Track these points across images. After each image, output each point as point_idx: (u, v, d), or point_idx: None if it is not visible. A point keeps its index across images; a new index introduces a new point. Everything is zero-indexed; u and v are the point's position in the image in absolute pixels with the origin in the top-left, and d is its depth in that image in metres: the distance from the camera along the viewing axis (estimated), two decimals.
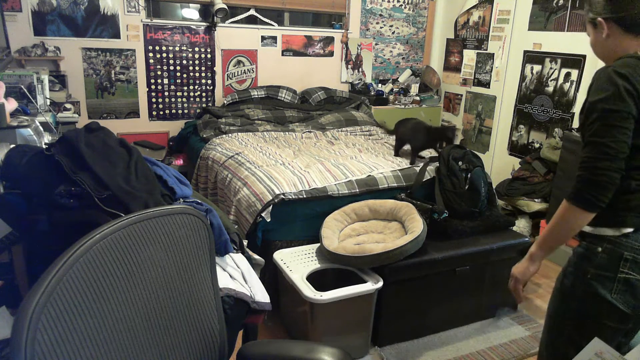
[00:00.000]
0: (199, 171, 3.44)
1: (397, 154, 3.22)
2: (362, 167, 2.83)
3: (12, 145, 1.68)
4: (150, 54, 3.99)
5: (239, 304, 1.53)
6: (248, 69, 4.40)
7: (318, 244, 2.44)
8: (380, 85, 4.97)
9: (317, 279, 2.23)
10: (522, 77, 4.12)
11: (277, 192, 2.47)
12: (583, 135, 1.30)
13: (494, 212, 2.83)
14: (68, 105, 3.22)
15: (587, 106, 1.25)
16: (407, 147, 3.22)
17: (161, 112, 4.17)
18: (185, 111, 4.25)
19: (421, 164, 2.93)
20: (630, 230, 1.28)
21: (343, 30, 4.70)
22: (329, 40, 4.67)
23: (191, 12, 4.23)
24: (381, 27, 4.91)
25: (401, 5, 4.94)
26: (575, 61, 3.63)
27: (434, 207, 2.57)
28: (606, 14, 1.30)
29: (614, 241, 1.29)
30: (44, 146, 1.75)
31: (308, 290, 2.10)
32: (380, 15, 4.86)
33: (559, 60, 3.78)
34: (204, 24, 4.12)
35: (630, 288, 1.28)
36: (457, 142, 4.95)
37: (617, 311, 1.29)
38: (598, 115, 1.20)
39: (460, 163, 2.82)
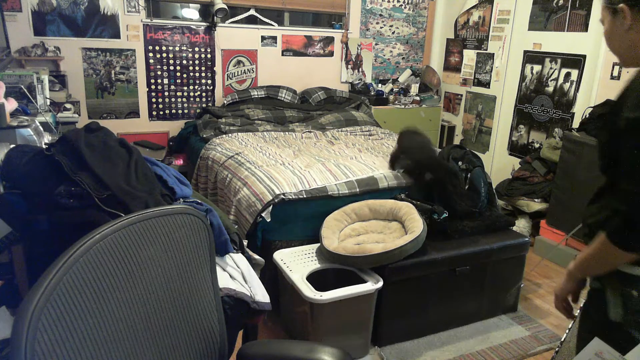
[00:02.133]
0: (199, 171, 3.44)
1: (392, 168, 2.87)
2: (362, 167, 2.83)
3: (12, 145, 1.68)
4: (150, 54, 3.99)
5: (239, 304, 1.53)
6: (248, 69, 4.40)
7: (318, 244, 2.44)
8: (380, 85, 4.97)
9: (317, 279, 2.23)
10: (522, 77, 4.12)
11: (277, 192, 2.47)
12: (609, 157, 1.12)
13: (494, 212, 2.83)
14: (68, 105, 3.23)
15: (624, 123, 1.01)
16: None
17: (161, 112, 4.17)
18: (185, 111, 4.25)
19: None
20: None
21: (343, 30, 4.70)
22: (329, 40, 4.67)
23: (191, 12, 4.23)
24: (381, 27, 4.91)
25: (401, 5, 4.94)
26: (575, 61, 3.63)
27: (434, 208, 2.57)
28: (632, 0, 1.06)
29: None
30: (44, 146, 1.75)
31: (308, 290, 2.10)
32: (380, 15, 4.86)
33: (559, 60, 3.78)
34: (204, 24, 4.12)
35: None
36: (456, 141, 4.95)
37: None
38: None
39: (460, 163, 2.82)
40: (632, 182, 1.02)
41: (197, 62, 4.17)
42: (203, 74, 4.22)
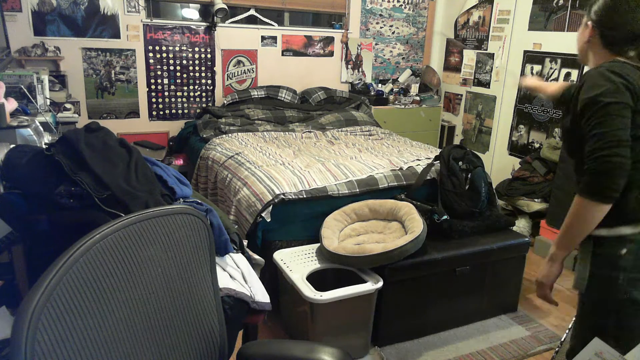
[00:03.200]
0: (199, 171, 3.44)
1: None
2: (362, 167, 2.83)
3: (12, 145, 1.68)
4: (150, 54, 3.99)
5: (239, 304, 1.53)
6: (248, 69, 4.40)
7: (318, 244, 2.44)
8: (380, 85, 4.97)
9: (317, 279, 2.23)
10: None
11: (277, 192, 2.47)
12: (571, 134, 1.34)
13: (494, 212, 2.83)
14: (68, 105, 3.22)
15: (582, 103, 1.26)
16: None
17: (161, 112, 4.17)
18: (185, 111, 4.25)
19: (424, 165, 2.93)
20: None
21: (343, 30, 4.70)
22: (329, 40, 4.67)
23: (191, 12, 4.23)
24: (381, 27, 4.91)
25: (401, 5, 4.94)
26: (575, 61, 3.63)
27: (434, 208, 2.57)
28: (596, 22, 1.37)
29: (637, 239, 1.28)
30: (44, 146, 1.75)
31: (308, 290, 2.10)
32: (380, 15, 4.86)
33: (559, 60, 3.78)
34: (204, 24, 4.12)
35: None
36: (456, 141, 4.95)
37: None
38: (597, 108, 1.22)
39: (460, 163, 2.82)
40: (591, 143, 1.23)
41: (197, 62, 4.17)
42: (203, 74, 4.22)
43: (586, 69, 1.41)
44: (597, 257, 1.34)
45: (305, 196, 2.52)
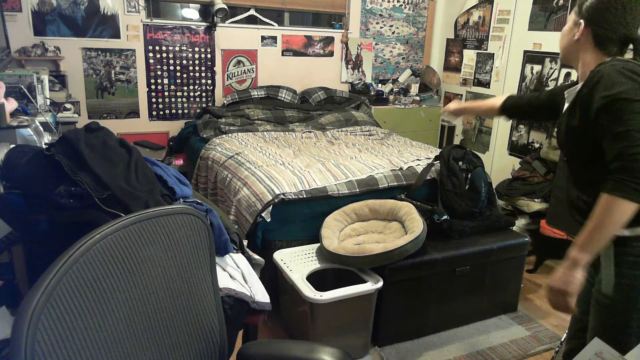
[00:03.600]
0: (199, 171, 3.44)
1: None
2: (362, 167, 2.83)
3: (12, 145, 1.68)
4: (150, 54, 3.99)
5: (239, 304, 1.53)
6: (248, 69, 4.40)
7: (318, 244, 2.44)
8: (380, 85, 4.97)
9: (317, 279, 2.23)
10: (522, 77, 4.12)
11: (277, 192, 2.47)
12: (577, 133, 1.31)
13: (494, 212, 2.83)
14: (68, 105, 3.22)
15: (602, 101, 1.22)
16: None
17: (161, 112, 4.16)
18: (185, 111, 4.25)
19: (424, 165, 2.93)
20: None
21: (343, 30, 4.70)
22: (329, 40, 4.67)
23: (191, 12, 4.23)
24: (381, 27, 4.91)
25: (401, 5, 4.94)
26: None
27: (434, 208, 2.57)
28: (589, 21, 1.34)
29: None
30: (44, 146, 1.75)
31: (308, 290, 2.10)
32: (380, 15, 4.86)
33: (559, 61, 3.77)
34: (204, 24, 4.12)
35: None
36: (456, 141, 4.95)
37: None
38: (621, 105, 1.19)
39: (460, 163, 2.82)
40: (620, 142, 1.19)
41: (197, 62, 4.16)
42: (203, 74, 4.22)
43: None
44: (622, 258, 1.31)
45: (305, 196, 2.52)
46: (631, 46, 1.34)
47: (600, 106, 1.23)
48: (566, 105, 1.44)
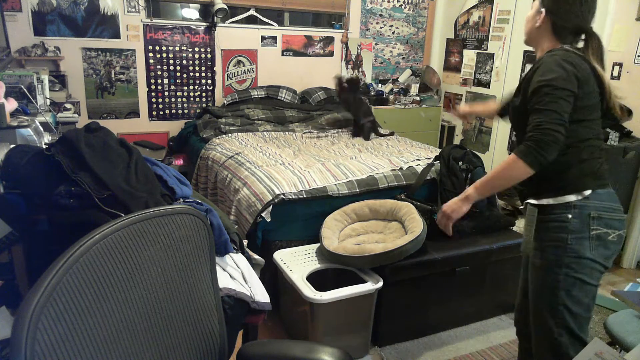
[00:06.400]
0: (199, 171, 3.44)
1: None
2: (362, 167, 2.83)
3: (12, 145, 1.68)
4: (150, 54, 3.99)
5: (239, 304, 1.53)
6: (248, 69, 4.40)
7: (318, 244, 2.44)
8: (380, 85, 4.97)
9: (317, 279, 2.23)
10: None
11: (277, 192, 2.47)
12: (520, 111, 1.50)
13: (494, 212, 2.83)
14: (68, 105, 3.22)
15: (537, 84, 1.41)
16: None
17: (161, 112, 4.17)
18: (185, 111, 4.25)
19: (424, 165, 2.93)
20: (589, 192, 1.46)
21: (343, 30, 4.70)
22: (329, 40, 4.67)
23: (191, 12, 4.23)
24: (381, 27, 4.91)
25: (401, 5, 4.94)
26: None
27: (434, 208, 2.57)
28: (548, 10, 1.51)
29: (580, 205, 1.46)
30: (44, 146, 1.75)
31: (308, 290, 2.10)
32: (380, 15, 4.86)
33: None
34: (204, 24, 4.12)
35: (602, 242, 1.47)
36: (456, 141, 4.95)
37: (597, 267, 1.48)
38: (548, 90, 1.38)
39: (460, 163, 2.82)
40: (536, 116, 1.40)
41: (197, 62, 4.17)
42: (203, 74, 4.22)
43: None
44: (546, 223, 1.50)
45: (305, 196, 2.52)
46: (583, 36, 1.50)
47: (534, 89, 1.43)
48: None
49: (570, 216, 1.46)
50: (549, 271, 1.51)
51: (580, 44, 1.51)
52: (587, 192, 1.46)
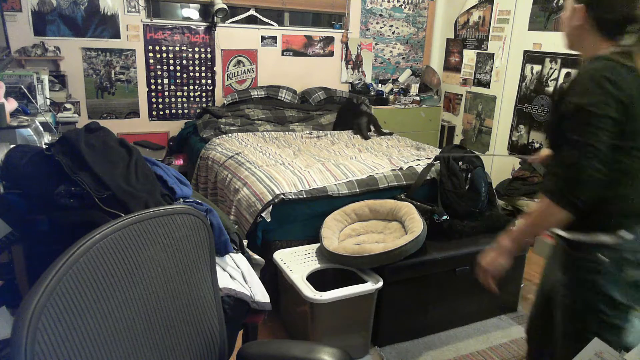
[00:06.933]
0: (199, 171, 3.44)
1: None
2: (362, 167, 2.83)
3: (12, 145, 1.68)
4: (150, 54, 3.99)
5: (239, 304, 1.53)
6: (248, 69, 4.40)
7: (318, 244, 2.44)
8: (380, 85, 4.96)
9: (317, 279, 2.23)
10: (522, 77, 4.12)
11: (277, 192, 2.47)
12: (556, 129, 1.30)
13: (494, 212, 2.83)
14: (68, 105, 3.22)
15: (571, 107, 1.23)
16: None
17: (161, 112, 4.16)
18: (185, 111, 4.25)
19: (424, 165, 2.93)
20: (630, 235, 1.27)
21: (343, 30, 4.70)
22: (329, 40, 4.67)
23: (191, 12, 4.23)
24: (381, 27, 4.91)
25: (401, 5, 4.94)
26: (575, 61, 3.63)
27: (434, 208, 2.57)
28: (587, 3, 1.31)
29: (616, 247, 1.28)
30: (44, 146, 1.75)
31: (308, 290, 2.10)
32: (380, 15, 4.86)
33: (559, 60, 3.78)
34: (204, 24, 4.12)
35: (635, 286, 1.30)
36: (456, 141, 4.95)
37: (636, 313, 1.31)
38: (584, 116, 1.20)
39: (460, 163, 2.82)
40: (570, 149, 1.22)
41: (197, 62, 4.16)
42: (203, 74, 4.22)
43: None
44: (576, 261, 1.34)
45: (305, 196, 2.52)
46: (633, 27, 1.27)
47: (569, 110, 1.24)
48: None
49: (604, 258, 1.28)
50: (580, 315, 1.36)
51: (632, 38, 1.27)
52: (627, 235, 1.27)
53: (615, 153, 1.21)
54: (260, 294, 1.62)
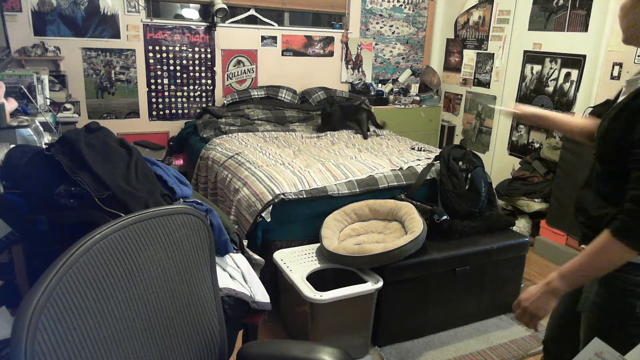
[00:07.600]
0: (199, 171, 3.44)
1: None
2: (362, 167, 2.83)
3: (12, 145, 1.68)
4: (150, 54, 3.99)
5: (239, 304, 1.53)
6: (248, 69, 4.40)
7: (318, 244, 2.44)
8: (380, 85, 4.97)
9: (317, 279, 2.23)
10: (522, 77, 4.12)
11: (277, 192, 2.47)
12: (615, 143, 1.16)
13: (494, 212, 2.83)
14: (68, 105, 3.22)
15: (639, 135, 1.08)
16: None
17: (161, 112, 4.17)
18: (185, 111, 4.25)
19: (424, 165, 2.93)
20: None
21: (343, 30, 4.70)
22: (329, 40, 4.67)
23: (191, 12, 4.23)
24: (381, 27, 4.91)
25: (401, 5, 4.94)
26: (575, 61, 3.63)
27: (434, 208, 2.57)
28: None
29: None
30: (44, 146, 1.75)
31: (308, 290, 2.10)
32: (380, 15, 4.86)
33: (559, 60, 3.78)
34: (204, 24, 4.12)
35: None
36: (456, 141, 4.96)
37: None
38: None
39: (460, 163, 2.82)
40: (636, 183, 1.09)
41: (197, 62, 4.17)
42: (203, 74, 4.22)
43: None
44: (611, 280, 1.21)
45: (305, 196, 2.52)
46: None
47: (638, 138, 1.09)
48: (621, 98, 1.24)
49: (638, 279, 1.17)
50: (608, 335, 1.22)
51: None
52: None
53: None
54: (260, 294, 1.62)
